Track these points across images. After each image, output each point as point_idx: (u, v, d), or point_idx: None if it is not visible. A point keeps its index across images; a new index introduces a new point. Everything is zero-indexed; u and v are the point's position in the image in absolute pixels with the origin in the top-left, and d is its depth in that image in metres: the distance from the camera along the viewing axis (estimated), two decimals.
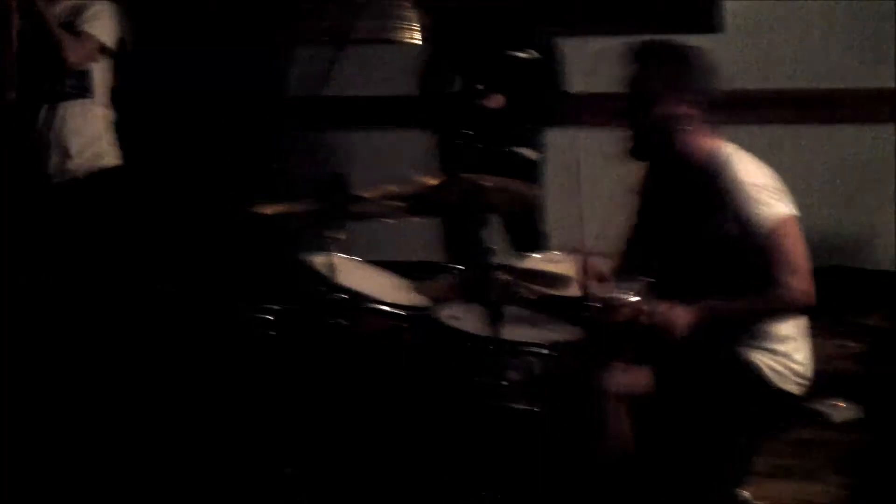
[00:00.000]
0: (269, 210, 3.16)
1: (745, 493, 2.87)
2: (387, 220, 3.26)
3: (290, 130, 4.23)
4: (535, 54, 4.31)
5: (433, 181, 3.08)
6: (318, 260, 3.08)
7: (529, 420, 2.81)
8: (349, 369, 3.04)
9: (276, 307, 3.13)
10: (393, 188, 3.09)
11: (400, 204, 3.08)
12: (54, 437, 3.43)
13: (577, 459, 2.75)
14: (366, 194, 3.07)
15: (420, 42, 4.55)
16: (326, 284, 3.04)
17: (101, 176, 4.03)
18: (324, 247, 3.01)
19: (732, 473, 2.86)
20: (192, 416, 3.30)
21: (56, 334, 3.77)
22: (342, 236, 3.06)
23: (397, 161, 4.19)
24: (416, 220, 3.34)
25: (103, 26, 3.95)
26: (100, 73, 4.02)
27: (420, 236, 4.26)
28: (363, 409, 3.01)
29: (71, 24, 3.89)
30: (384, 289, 3.24)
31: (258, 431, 3.06)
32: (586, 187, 2.89)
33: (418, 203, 3.11)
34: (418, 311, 3.12)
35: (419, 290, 3.15)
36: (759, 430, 2.86)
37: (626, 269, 2.94)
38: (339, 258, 3.10)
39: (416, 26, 4.54)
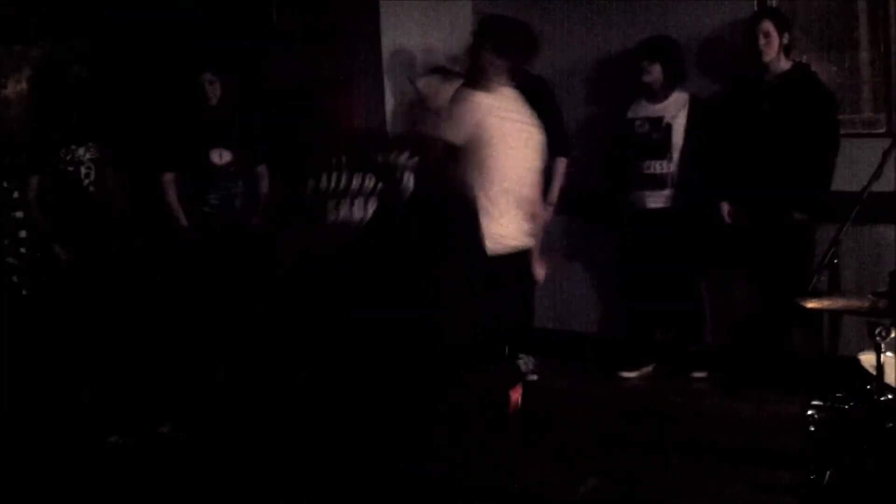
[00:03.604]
0: (812, 304, 3.16)
1: None
2: None
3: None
4: None
5: None
6: (866, 358, 3.02)
7: None
8: None
9: (820, 403, 3.09)
10: None
11: None
12: None
13: None
14: None
15: None
16: (874, 384, 2.96)
17: None
18: (874, 345, 2.95)
19: None
20: None
21: None
22: (894, 335, 2.97)
23: None
24: None
25: None
26: None
27: None
28: None
29: None
30: None
31: None
32: None
33: None
34: None
35: None
36: None
37: None
38: (890, 357, 3.01)
39: None
